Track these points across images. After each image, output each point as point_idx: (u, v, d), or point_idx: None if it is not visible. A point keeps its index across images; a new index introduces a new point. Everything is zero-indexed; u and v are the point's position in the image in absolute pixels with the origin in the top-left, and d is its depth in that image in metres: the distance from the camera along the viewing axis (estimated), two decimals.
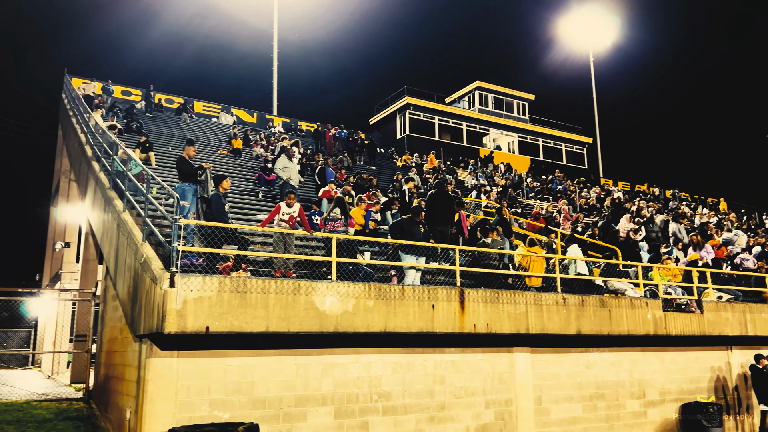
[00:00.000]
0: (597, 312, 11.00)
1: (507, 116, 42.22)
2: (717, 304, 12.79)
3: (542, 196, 29.41)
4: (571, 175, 38.46)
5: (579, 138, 44.59)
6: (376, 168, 26.78)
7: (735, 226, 26.77)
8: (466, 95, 42.44)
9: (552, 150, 43.33)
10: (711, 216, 28.73)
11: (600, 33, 46.62)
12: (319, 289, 8.27)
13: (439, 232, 11.39)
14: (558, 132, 43.76)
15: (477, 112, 40.76)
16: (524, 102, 43.58)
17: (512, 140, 42.07)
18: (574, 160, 44.04)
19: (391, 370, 9.48)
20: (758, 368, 12.74)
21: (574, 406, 11.23)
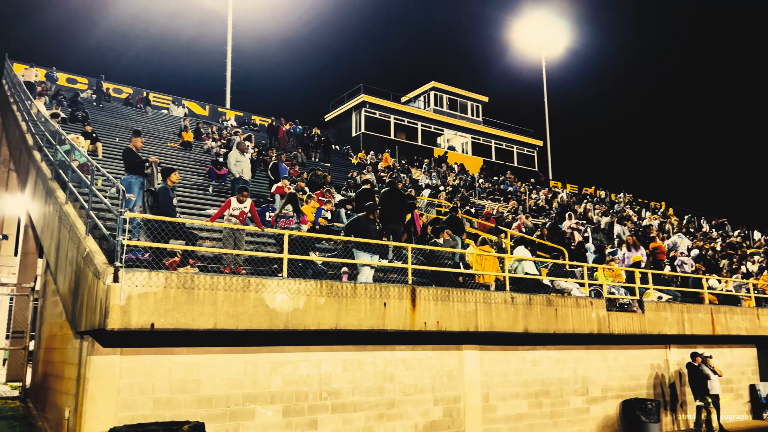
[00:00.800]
0: (544, 311, 11.26)
1: (461, 117, 42.74)
2: (657, 304, 13.28)
3: (494, 197, 29.90)
4: (522, 176, 39.26)
5: (530, 141, 45.55)
6: (331, 165, 26.65)
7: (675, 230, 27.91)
8: (421, 95, 42.74)
9: (504, 152, 44.11)
10: (654, 219, 29.83)
11: (553, 38, 47.74)
12: (269, 286, 8.17)
13: (392, 230, 11.44)
14: (510, 134, 44.58)
15: (432, 113, 41.09)
16: (478, 104, 44.20)
17: (466, 141, 42.61)
18: (525, 162, 44.95)
19: (341, 368, 9.46)
20: (694, 366, 13.31)
21: (520, 402, 11.47)
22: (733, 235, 33.25)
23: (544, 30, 47.28)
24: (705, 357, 13.71)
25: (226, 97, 35.12)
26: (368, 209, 10.57)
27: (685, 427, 13.24)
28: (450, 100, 42.77)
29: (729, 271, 19.76)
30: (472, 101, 43.92)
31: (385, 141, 36.92)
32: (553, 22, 48.20)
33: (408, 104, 41.78)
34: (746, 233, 35.74)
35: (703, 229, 34.07)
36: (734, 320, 14.77)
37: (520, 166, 43.75)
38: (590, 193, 38.09)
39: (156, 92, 31.91)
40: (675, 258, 17.62)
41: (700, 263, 17.67)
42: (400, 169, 28.49)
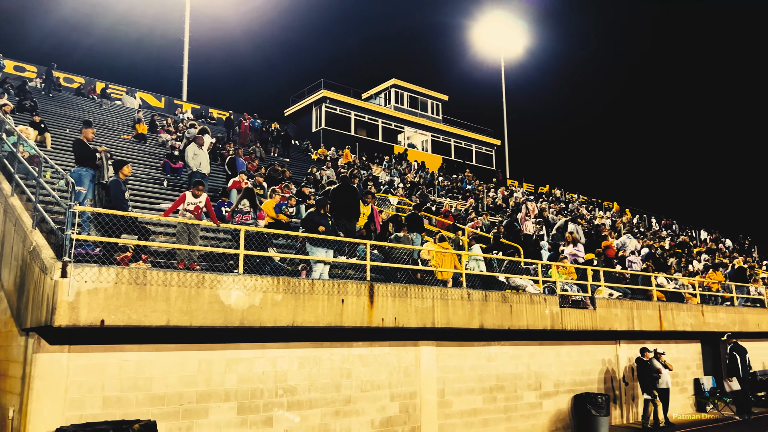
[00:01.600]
0: (499, 307, 11.44)
1: (421, 115, 42.96)
2: (608, 301, 13.67)
3: (453, 195, 30.20)
4: (480, 175, 39.77)
5: (488, 140, 46.15)
6: (290, 160, 26.42)
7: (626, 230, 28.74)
8: (382, 92, 42.77)
9: (463, 150, 44.57)
10: (606, 218, 30.66)
11: (512, 39, 48.44)
12: (224, 282, 8.05)
13: (343, 226, 11.36)
14: (469, 133, 45.06)
15: (393, 110, 41.17)
16: (438, 102, 44.51)
17: (426, 139, 42.87)
18: (483, 160, 45.52)
19: (297, 365, 9.41)
20: (643, 360, 13.75)
21: (476, 398, 11.63)
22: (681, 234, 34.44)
23: (503, 31, 47.94)
24: (658, 352, 14.21)
25: (183, 89, 34.42)
26: (318, 204, 10.47)
27: (633, 420, 13.68)
28: (410, 98, 42.94)
29: (677, 269, 20.46)
30: (433, 99, 44.21)
31: (346, 137, 36.81)
32: (513, 24, 48.94)
33: (369, 101, 41.75)
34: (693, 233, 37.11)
35: (652, 228, 35.19)
36: (680, 317, 15.32)
37: (479, 165, 44.29)
38: (545, 192, 38.85)
39: (109, 83, 30.98)
40: (625, 257, 18.15)
41: (650, 261, 18.26)
42: (361, 166, 28.46)
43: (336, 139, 35.53)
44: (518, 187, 38.89)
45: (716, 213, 75.20)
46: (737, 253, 32.82)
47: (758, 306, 18.79)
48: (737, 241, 38.56)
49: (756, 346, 18.61)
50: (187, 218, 9.15)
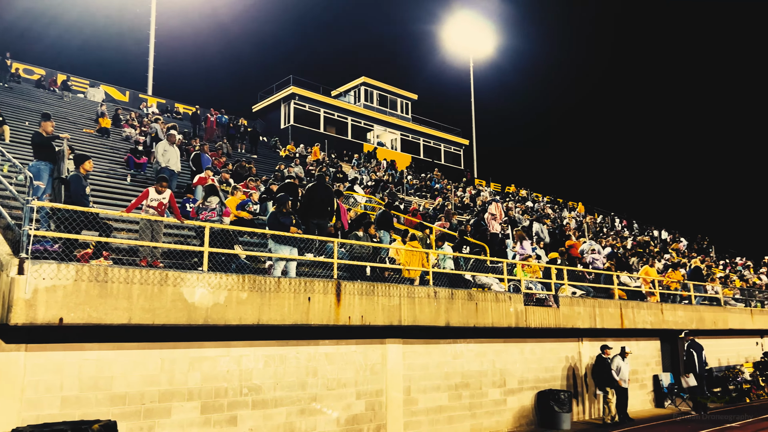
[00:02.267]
0: (465, 305, 11.55)
1: (391, 114, 43.03)
2: (571, 299, 13.92)
3: (421, 194, 30.33)
4: (449, 174, 40.04)
5: (457, 139, 46.49)
6: (258, 157, 26.16)
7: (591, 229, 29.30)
8: (352, 90, 42.69)
9: (432, 149, 44.81)
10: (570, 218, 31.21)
11: (481, 40, 48.81)
12: (188, 280, 7.93)
13: (316, 225, 11.33)
14: (438, 132, 45.33)
15: (362, 108, 41.13)
16: (407, 101, 44.64)
17: (395, 137, 42.96)
18: (452, 160, 45.85)
19: (263, 363, 9.34)
20: (603, 358, 14.04)
21: (441, 395, 11.73)
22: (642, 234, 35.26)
23: (472, 31, 48.28)
24: (625, 351, 14.55)
25: (148, 83, 33.71)
26: (278, 202, 10.36)
27: (596, 416, 13.96)
28: (380, 96, 42.96)
29: (638, 269, 20.96)
30: (402, 98, 44.31)
31: (315, 134, 36.63)
32: (482, 24, 49.34)
33: (338, 98, 41.62)
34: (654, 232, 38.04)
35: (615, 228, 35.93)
36: (641, 315, 15.71)
37: (447, 164, 44.58)
38: (512, 192, 39.34)
39: (71, 75, 30.18)
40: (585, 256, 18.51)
41: (612, 260, 18.67)
42: (330, 163, 28.37)
43: (305, 136, 35.32)
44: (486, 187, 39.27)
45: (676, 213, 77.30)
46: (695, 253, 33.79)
47: (714, 304, 19.39)
48: (696, 241, 39.69)
49: (712, 343, 19.22)
50: (150, 215, 8.99)
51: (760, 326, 20.91)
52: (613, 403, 13.94)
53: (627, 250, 24.99)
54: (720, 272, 27.95)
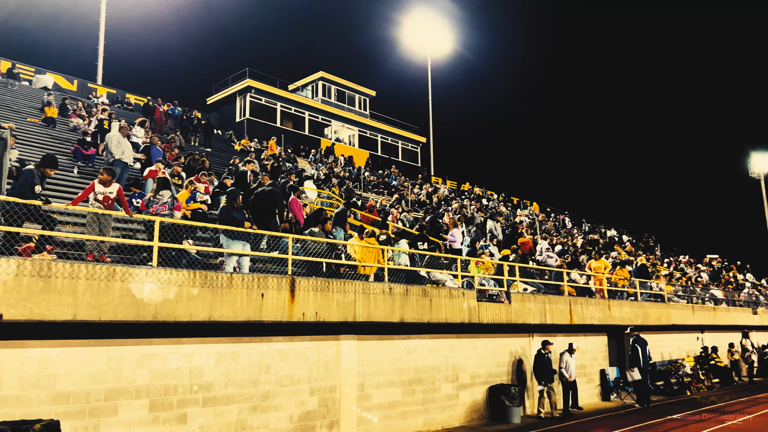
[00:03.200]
0: (419, 301, 11.64)
1: (349, 109, 42.91)
2: (522, 295, 14.20)
3: (378, 190, 30.39)
4: (406, 171, 40.23)
5: (414, 137, 46.74)
6: (212, 150, 25.67)
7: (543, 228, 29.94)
8: (309, 84, 42.36)
9: (389, 146, 44.92)
10: (523, 216, 31.83)
11: (439, 39, 49.14)
12: (137, 275, 7.73)
13: (264, 225, 11.13)
14: (396, 129, 45.46)
15: (320, 103, 40.87)
16: (365, 97, 44.60)
17: (353, 134, 42.87)
18: (409, 157, 46.07)
19: (214, 360, 9.19)
20: (542, 353, 14.34)
21: (395, 390, 11.80)
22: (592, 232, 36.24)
23: (431, 30, 48.56)
24: (572, 347, 14.95)
25: (98, 71, 32.64)
26: (229, 196, 10.17)
27: (548, 410, 14.26)
28: (338, 92, 42.77)
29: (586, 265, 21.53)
30: (360, 94, 44.25)
31: (271, 128, 36.20)
32: (440, 23, 49.65)
33: (295, 93, 41.24)
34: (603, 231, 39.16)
35: (566, 226, 36.82)
36: (589, 311, 16.16)
37: (405, 161, 44.78)
38: (467, 190, 39.83)
39: (16, 62, 28.92)
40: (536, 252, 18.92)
41: (566, 257, 19.14)
42: (286, 158, 28.09)
43: (261, 130, 34.88)
44: (442, 184, 39.64)
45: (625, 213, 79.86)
46: (641, 251, 34.95)
47: (659, 301, 20.12)
48: (642, 239, 41.07)
49: (656, 338, 19.95)
50: (97, 208, 8.71)
51: (700, 322, 21.82)
52: (560, 398, 14.29)
53: (577, 248, 25.65)
54: (664, 270, 29.03)
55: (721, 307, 24.11)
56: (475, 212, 26.31)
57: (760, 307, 27.59)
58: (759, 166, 53.84)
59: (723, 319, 23.54)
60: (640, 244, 39.02)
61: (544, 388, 14.15)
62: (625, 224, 45.17)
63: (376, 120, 44.66)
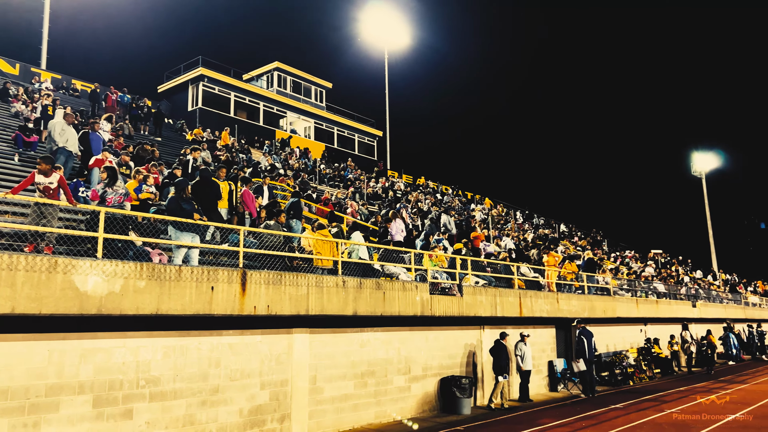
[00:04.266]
0: (373, 294, 11.67)
1: (305, 101, 42.53)
2: (474, 288, 14.42)
3: (334, 183, 30.26)
4: (362, 164, 40.18)
5: (371, 130, 46.73)
6: (162, 139, 25.04)
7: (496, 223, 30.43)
8: (264, 74, 41.78)
9: (346, 139, 44.78)
10: (477, 211, 32.28)
11: (397, 33, 49.09)
12: (80, 267, 7.48)
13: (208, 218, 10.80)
14: (352, 122, 45.34)
15: (275, 93, 40.37)
16: (322, 89, 44.29)
17: (309, 125, 42.53)
18: (365, 150, 46.05)
19: (162, 354, 8.99)
20: (501, 344, 14.65)
21: (347, 383, 11.81)
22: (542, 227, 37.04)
23: (389, 23, 48.47)
24: (524, 335, 15.35)
25: (42, 55, 31.33)
26: (178, 187, 9.91)
27: (497, 401, 14.51)
28: (294, 83, 42.33)
29: (536, 260, 22.02)
30: (317, 86, 43.90)
31: (225, 119, 35.56)
32: (398, 17, 49.61)
33: (250, 83, 40.59)
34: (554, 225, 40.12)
35: (518, 220, 37.52)
36: (538, 304, 16.54)
37: (361, 155, 44.74)
38: (422, 184, 40.09)
39: None
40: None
41: (514, 252, 19.51)
42: (240, 149, 27.64)
43: (214, 120, 34.23)
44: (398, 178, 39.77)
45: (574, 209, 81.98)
46: (589, 246, 35.98)
47: (605, 294, 20.77)
48: (590, 234, 42.27)
49: (602, 330, 20.60)
50: (38, 197, 8.37)
51: (644, 314, 22.64)
52: (513, 388, 14.59)
53: (527, 242, 26.19)
54: (611, 264, 29.97)
55: (663, 300, 25.07)
56: (431, 206, 26.52)
57: (699, 300, 28.84)
58: (700, 166, 56.17)
59: (665, 312, 24.50)
60: (588, 239, 40.14)
61: (502, 380, 14.38)
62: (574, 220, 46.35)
63: (333, 112, 44.43)
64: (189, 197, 9.82)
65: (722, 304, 32.16)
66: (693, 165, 56.40)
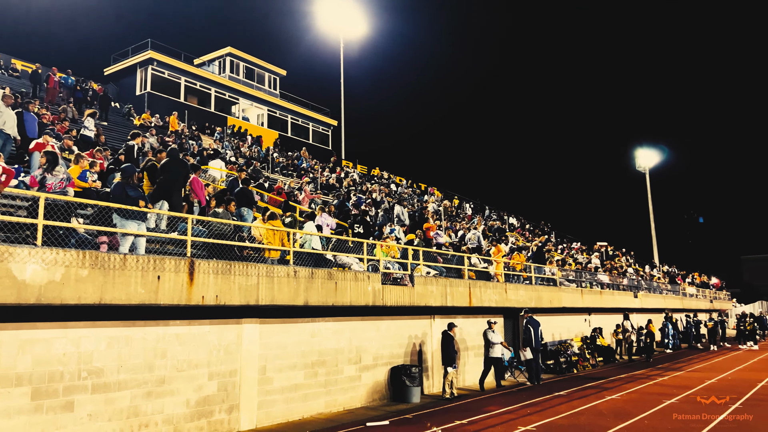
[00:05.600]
0: (325, 284, 11.66)
1: (258, 88, 41.85)
2: (425, 278, 14.59)
3: (287, 172, 29.96)
4: (316, 154, 39.91)
5: (326, 119, 46.41)
6: (108, 124, 24.23)
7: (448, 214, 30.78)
8: (217, 60, 40.89)
9: (300, 128, 44.33)
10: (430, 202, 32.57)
11: (353, 22, 48.70)
12: (18, 255, 7.19)
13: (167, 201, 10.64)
14: (307, 111, 44.91)
15: (227, 79, 39.57)
16: (276, 76, 43.67)
17: (262, 113, 41.90)
18: (320, 140, 45.72)
19: (105, 345, 8.76)
20: (449, 334, 14.86)
21: (297, 373, 11.79)
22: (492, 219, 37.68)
23: (345, 11, 48.05)
24: (491, 322, 15.73)
25: None
26: (124, 173, 9.63)
27: (449, 390, 14.70)
28: (247, 69, 41.58)
29: (488, 251, 22.43)
30: (270, 73, 43.26)
31: (174, 104, 34.64)
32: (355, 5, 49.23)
33: (201, 68, 39.66)
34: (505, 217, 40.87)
35: (467, 212, 38.06)
36: (487, 293, 16.88)
37: (315, 144, 44.40)
38: (377, 175, 40.15)
39: None
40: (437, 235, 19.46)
41: (466, 244, 19.80)
42: (190, 136, 27.00)
43: (163, 105, 33.31)
44: (353, 169, 39.67)
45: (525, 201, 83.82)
46: (537, 238, 36.84)
47: (551, 285, 21.35)
48: (539, 227, 43.28)
49: (548, 320, 21.18)
50: None
51: (588, 304, 23.41)
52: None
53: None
54: (558, 255, 30.79)
55: (607, 291, 25.97)
56: (384, 197, 26.61)
57: (640, 291, 30.00)
58: (644, 161, 58.23)
59: (608, 302, 25.39)
60: (537, 231, 41.10)
61: (451, 370, 14.58)
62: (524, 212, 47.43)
63: (287, 100, 43.90)
64: (136, 183, 9.55)
65: (662, 294, 33.58)
66: (637, 161, 58.42)
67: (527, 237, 36.12)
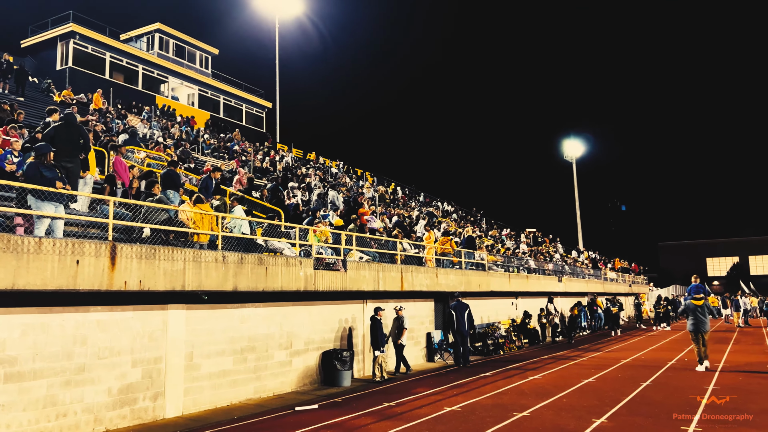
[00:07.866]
0: (255, 269, 11.52)
1: (189, 66, 40.50)
2: (358, 263, 14.67)
3: (218, 154, 29.25)
4: (250, 136, 39.12)
5: (260, 101, 45.49)
6: (26, 99, 22.87)
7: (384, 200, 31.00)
8: (144, 36, 39.22)
9: (232, 109, 43.28)
10: (366, 189, 32.67)
11: (289, 1, 47.76)
12: None
13: (65, 169, 9.83)
14: (240, 92, 43.87)
15: (156, 57, 38.05)
16: (207, 55, 42.38)
17: (192, 92, 40.61)
18: (253, 122, 44.81)
19: (19, 333, 8.35)
20: (377, 319, 15.04)
21: (226, 359, 11.64)
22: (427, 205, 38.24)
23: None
24: (398, 309, 15.81)
25: None
26: (38, 151, 9.08)
27: (379, 373, 14.90)
28: (177, 47, 40.12)
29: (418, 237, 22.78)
30: (202, 51, 41.93)
31: (99, 80, 33.03)
32: None
33: (128, 43, 37.94)
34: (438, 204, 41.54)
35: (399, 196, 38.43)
36: (418, 278, 17.17)
37: (249, 126, 43.49)
38: (313, 159, 39.83)
39: None
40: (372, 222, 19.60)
41: (397, 229, 20.03)
42: (116, 115, 25.85)
43: (86, 82, 31.69)
44: (288, 152, 39.14)
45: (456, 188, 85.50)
46: (470, 224, 37.72)
47: (480, 269, 21.95)
48: (471, 213, 44.27)
49: (478, 303, 21.80)
50: None
51: (515, 288, 24.23)
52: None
53: (413, 219, 26.96)
54: (488, 241, 31.64)
55: (533, 275, 26.96)
56: (319, 182, 26.46)
57: (565, 276, 31.32)
58: (571, 151, 60.52)
59: (534, 286, 26.37)
60: (468, 217, 42.04)
61: (379, 354, 14.75)
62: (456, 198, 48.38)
63: (219, 80, 42.72)
64: (51, 163, 9.06)
65: (585, 279, 35.17)
66: (565, 150, 60.64)
67: (459, 224, 36.87)
